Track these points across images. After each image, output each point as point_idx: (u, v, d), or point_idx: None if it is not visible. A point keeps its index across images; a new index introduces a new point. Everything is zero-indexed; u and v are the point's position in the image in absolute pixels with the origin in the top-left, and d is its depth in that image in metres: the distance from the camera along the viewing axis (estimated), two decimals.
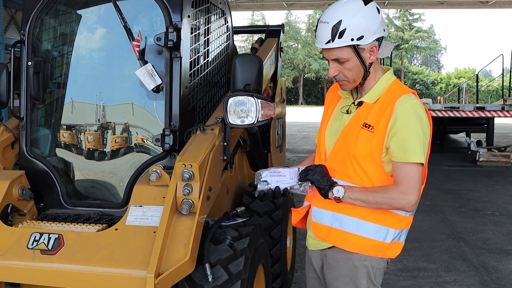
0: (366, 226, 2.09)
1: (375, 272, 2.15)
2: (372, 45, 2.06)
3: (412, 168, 2.01)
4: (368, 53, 2.07)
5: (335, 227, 2.14)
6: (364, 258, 2.12)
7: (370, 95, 2.13)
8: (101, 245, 2.35)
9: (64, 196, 2.93)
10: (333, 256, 2.18)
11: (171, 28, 2.72)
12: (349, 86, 2.16)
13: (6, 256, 2.39)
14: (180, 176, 2.39)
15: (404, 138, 2.00)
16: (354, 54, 2.05)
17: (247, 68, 2.71)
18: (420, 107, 2.07)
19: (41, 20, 3.05)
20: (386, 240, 2.10)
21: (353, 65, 2.07)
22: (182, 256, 2.22)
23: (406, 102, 2.04)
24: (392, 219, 2.10)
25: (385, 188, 2.04)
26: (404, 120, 2.01)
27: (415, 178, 2.02)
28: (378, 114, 2.07)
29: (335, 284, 2.20)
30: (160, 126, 2.83)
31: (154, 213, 2.41)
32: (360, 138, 2.07)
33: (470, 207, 7.40)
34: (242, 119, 2.57)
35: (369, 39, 2.04)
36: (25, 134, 3.01)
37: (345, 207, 2.10)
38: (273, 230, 3.63)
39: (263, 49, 4.20)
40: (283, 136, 4.83)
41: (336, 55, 2.06)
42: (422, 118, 2.04)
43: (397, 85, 2.14)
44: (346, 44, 2.02)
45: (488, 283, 4.49)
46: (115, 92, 2.97)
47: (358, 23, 2.01)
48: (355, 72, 2.09)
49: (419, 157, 2.01)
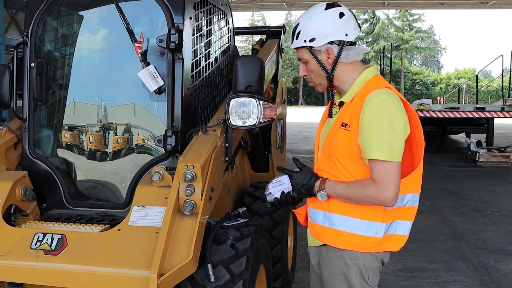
0: (356, 223, 2.12)
1: (368, 271, 2.17)
2: (327, 48, 2.13)
3: (384, 165, 1.99)
4: (325, 55, 2.15)
5: (326, 226, 2.18)
6: (356, 257, 2.14)
7: (348, 95, 2.17)
8: (104, 245, 2.37)
9: (66, 197, 2.95)
10: (327, 254, 2.22)
11: (173, 29, 2.73)
12: (318, 88, 2.27)
13: (10, 256, 2.40)
14: (182, 177, 2.41)
15: (369, 134, 2.01)
16: (312, 56, 2.16)
17: (249, 70, 2.73)
18: (389, 102, 2.04)
19: (44, 21, 3.06)
20: (378, 235, 2.11)
21: (313, 66, 2.19)
22: (184, 256, 2.24)
23: (375, 98, 2.03)
24: (381, 213, 2.10)
25: (363, 185, 2.05)
26: (370, 116, 2.01)
27: (389, 175, 1.99)
28: (352, 112, 2.10)
29: (330, 282, 2.23)
30: (162, 127, 2.84)
31: (156, 213, 2.43)
32: (339, 138, 2.11)
33: (470, 208, 7.42)
34: (243, 120, 2.59)
35: (321, 41, 2.13)
36: (27, 135, 3.03)
37: (335, 206, 2.14)
38: (274, 230, 3.64)
39: (264, 50, 4.22)
40: (284, 136, 4.84)
41: (299, 55, 2.23)
42: (391, 113, 2.01)
43: (373, 81, 2.15)
44: (300, 45, 2.17)
45: (488, 283, 4.50)
46: (117, 93, 2.99)
47: (310, 26, 2.14)
48: (317, 74, 2.20)
49: (383, 154, 1.98)
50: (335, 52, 2.14)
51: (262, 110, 2.59)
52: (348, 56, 2.15)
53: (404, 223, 2.18)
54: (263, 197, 3.71)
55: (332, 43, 2.13)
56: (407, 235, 2.19)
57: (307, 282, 4.40)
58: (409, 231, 2.20)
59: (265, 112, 2.59)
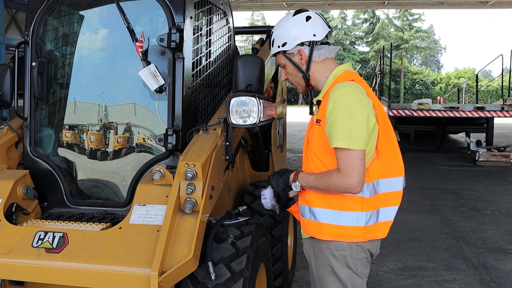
0: (337, 214, 2.19)
1: (355, 261, 2.23)
2: (298, 49, 2.30)
3: (345, 153, 2.07)
4: (298, 57, 2.31)
5: (312, 220, 2.27)
6: (342, 247, 2.21)
7: (322, 93, 2.32)
8: (105, 243, 2.38)
9: (67, 195, 2.96)
10: (317, 245, 2.29)
11: (174, 29, 2.74)
12: (299, 89, 2.41)
13: (11, 255, 2.41)
14: (183, 176, 2.42)
15: (331, 125, 2.11)
16: (287, 59, 2.33)
17: (249, 69, 2.74)
18: (350, 93, 2.12)
19: (45, 21, 3.07)
20: (360, 224, 2.18)
21: (290, 69, 2.35)
22: (185, 254, 2.25)
23: (336, 90, 2.15)
24: (360, 202, 2.18)
25: (329, 174, 2.14)
26: (332, 107, 2.12)
27: (351, 162, 2.07)
28: (322, 108, 2.23)
29: (320, 273, 2.30)
30: (162, 126, 2.85)
31: (157, 212, 2.44)
32: (314, 134, 2.26)
33: (469, 207, 7.43)
34: (244, 119, 2.60)
35: (292, 44, 2.29)
36: (29, 134, 3.04)
37: (316, 200, 2.23)
38: (274, 229, 3.66)
39: (264, 49, 4.22)
40: (284, 136, 4.86)
41: (277, 61, 2.40)
42: (351, 104, 2.09)
43: (340, 77, 2.25)
44: (275, 51, 2.36)
45: (487, 282, 4.52)
46: (118, 92, 3.00)
47: (282, 32, 2.33)
48: (295, 76, 2.36)
49: (344, 142, 2.07)
50: (306, 52, 2.30)
51: (263, 109, 2.60)
52: (319, 55, 2.31)
53: (389, 209, 2.26)
54: None
55: (302, 44, 2.30)
56: (392, 220, 2.27)
57: (307, 281, 4.41)
58: (395, 215, 2.28)
59: (265, 111, 2.60)
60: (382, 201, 2.24)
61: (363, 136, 2.09)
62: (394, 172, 2.27)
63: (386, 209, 2.26)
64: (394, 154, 2.27)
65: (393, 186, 2.27)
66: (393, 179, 2.27)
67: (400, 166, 2.29)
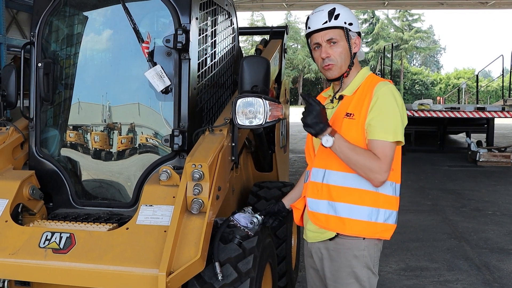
0: (359, 209, 2.21)
1: (374, 260, 2.27)
2: (356, 37, 2.33)
3: (390, 145, 2.14)
4: (354, 42, 2.31)
5: (331, 214, 2.25)
6: (363, 247, 2.23)
7: (349, 88, 2.31)
8: (113, 244, 2.38)
9: (73, 196, 2.97)
10: (334, 247, 2.27)
11: (180, 30, 2.75)
12: (336, 71, 2.31)
13: (18, 255, 2.41)
14: (190, 176, 2.43)
15: (383, 117, 2.15)
16: (345, 37, 2.29)
17: (255, 70, 2.75)
18: (396, 91, 2.23)
19: (50, 21, 3.08)
20: (378, 220, 2.22)
21: (343, 49, 2.29)
22: (193, 255, 2.25)
23: (384, 86, 2.21)
24: (382, 199, 2.22)
25: (370, 158, 2.14)
26: (382, 101, 2.17)
27: (391, 156, 2.16)
28: (357, 102, 2.24)
29: (336, 275, 2.28)
30: (168, 126, 2.86)
31: (164, 212, 2.45)
32: (344, 127, 2.22)
33: (471, 207, 7.44)
34: (250, 120, 2.60)
35: (355, 28, 2.32)
36: (34, 135, 3.05)
37: (339, 195, 2.23)
38: (278, 229, 3.66)
39: (267, 50, 4.24)
40: (287, 136, 4.86)
41: (330, 35, 2.29)
42: (398, 101, 2.19)
43: (373, 77, 2.33)
44: (340, 24, 2.28)
45: (490, 282, 4.53)
46: (124, 93, 3.01)
47: (348, 13, 2.32)
48: (344, 56, 2.30)
49: (396, 135, 2.15)
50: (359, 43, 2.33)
51: (269, 110, 2.61)
52: (361, 53, 2.36)
53: (394, 213, 2.29)
54: (267, 197, 3.74)
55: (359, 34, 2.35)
56: (396, 224, 2.30)
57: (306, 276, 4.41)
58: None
59: (271, 112, 2.60)
60: (394, 204, 2.27)
61: (403, 131, 2.18)
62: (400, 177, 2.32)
63: (396, 213, 2.29)
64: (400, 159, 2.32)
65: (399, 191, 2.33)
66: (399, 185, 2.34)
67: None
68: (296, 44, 57.66)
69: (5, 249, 2.43)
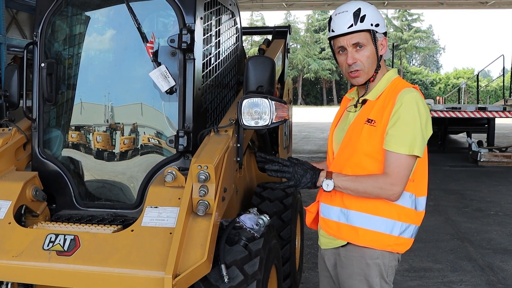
0: (373, 220, 2.12)
1: (387, 270, 2.18)
2: (383, 38, 2.19)
3: (405, 159, 2.04)
4: (380, 44, 2.18)
5: (342, 222, 2.18)
6: (377, 256, 2.15)
7: (373, 93, 2.20)
8: (118, 246, 2.35)
9: (76, 197, 2.94)
10: (346, 254, 2.21)
11: (185, 30, 2.72)
12: (362, 77, 2.19)
13: (22, 257, 2.38)
14: (196, 178, 2.40)
15: (401, 128, 2.04)
16: (372, 40, 2.15)
17: (260, 70, 2.73)
18: (420, 100, 2.10)
19: (53, 21, 3.05)
20: (393, 233, 2.12)
21: (370, 52, 2.16)
22: (199, 257, 2.23)
23: (407, 94, 2.09)
24: (399, 211, 2.12)
25: (375, 177, 2.07)
26: (404, 110, 2.06)
27: (405, 170, 2.05)
28: (380, 109, 2.13)
29: (349, 283, 2.22)
30: (172, 127, 2.83)
31: (170, 214, 2.42)
32: (364, 134, 2.12)
33: (473, 208, 7.42)
34: (256, 121, 2.58)
35: (382, 29, 2.18)
36: (37, 135, 3.02)
37: (351, 202, 2.14)
38: (282, 230, 3.64)
39: (270, 50, 4.22)
40: (290, 136, 4.84)
41: (357, 39, 2.14)
42: (421, 111, 2.07)
43: (399, 82, 2.21)
44: (367, 28, 2.13)
45: (494, 283, 4.50)
46: (127, 93, 2.98)
47: (374, 12, 2.17)
48: (371, 60, 2.16)
49: (412, 149, 2.04)
50: (386, 45, 2.20)
51: (275, 110, 2.58)
52: (387, 54, 2.23)
53: (415, 227, 2.20)
54: (271, 198, 3.71)
55: (385, 34, 2.21)
56: (413, 239, 2.22)
57: (313, 282, 4.40)
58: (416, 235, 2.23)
59: (277, 112, 2.58)
60: (416, 218, 2.18)
61: (423, 144, 2.08)
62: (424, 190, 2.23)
63: (416, 227, 2.20)
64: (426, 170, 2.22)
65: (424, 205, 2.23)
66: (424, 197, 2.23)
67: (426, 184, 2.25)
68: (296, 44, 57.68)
69: (8, 252, 2.40)
